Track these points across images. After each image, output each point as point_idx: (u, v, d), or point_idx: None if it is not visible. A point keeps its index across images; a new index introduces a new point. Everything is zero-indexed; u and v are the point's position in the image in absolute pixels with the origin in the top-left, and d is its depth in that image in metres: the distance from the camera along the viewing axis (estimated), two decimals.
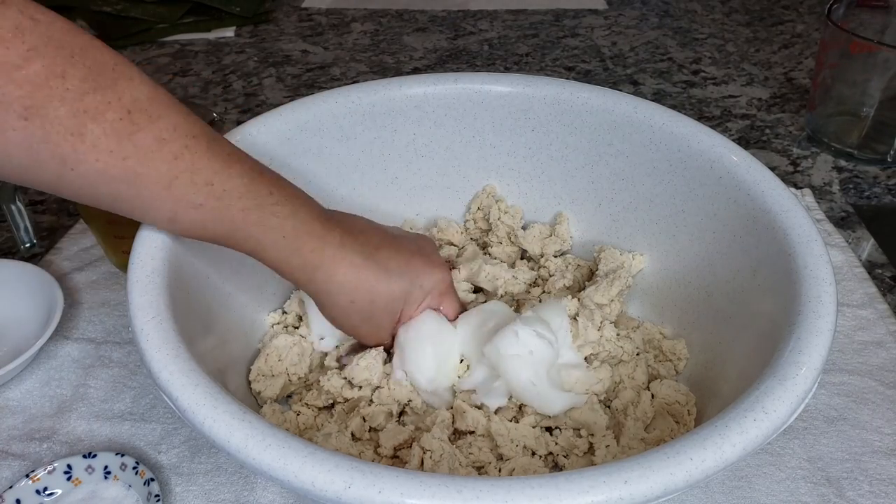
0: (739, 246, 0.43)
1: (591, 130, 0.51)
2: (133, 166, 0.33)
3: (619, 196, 0.52)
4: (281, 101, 0.82)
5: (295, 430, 0.43)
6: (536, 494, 0.27)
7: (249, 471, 0.40)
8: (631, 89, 0.85)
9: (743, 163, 0.44)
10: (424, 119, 0.53)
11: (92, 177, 0.33)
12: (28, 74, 0.30)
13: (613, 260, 0.51)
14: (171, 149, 0.34)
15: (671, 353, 0.47)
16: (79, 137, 0.32)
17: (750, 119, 0.80)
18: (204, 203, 0.35)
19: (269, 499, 0.42)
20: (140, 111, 0.33)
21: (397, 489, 0.27)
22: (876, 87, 0.69)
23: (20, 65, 0.30)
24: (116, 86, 0.32)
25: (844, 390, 0.49)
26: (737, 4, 1.07)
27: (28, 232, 0.54)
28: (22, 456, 0.45)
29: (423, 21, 1.01)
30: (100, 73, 0.32)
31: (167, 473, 0.44)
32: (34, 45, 0.30)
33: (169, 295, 0.36)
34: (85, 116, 0.31)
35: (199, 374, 0.32)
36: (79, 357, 0.51)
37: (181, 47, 0.94)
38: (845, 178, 0.70)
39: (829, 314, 0.35)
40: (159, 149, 0.33)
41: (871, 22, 0.72)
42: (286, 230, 0.38)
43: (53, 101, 0.31)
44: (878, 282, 0.58)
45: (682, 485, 0.28)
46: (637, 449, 0.41)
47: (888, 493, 0.43)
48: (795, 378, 0.32)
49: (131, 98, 0.33)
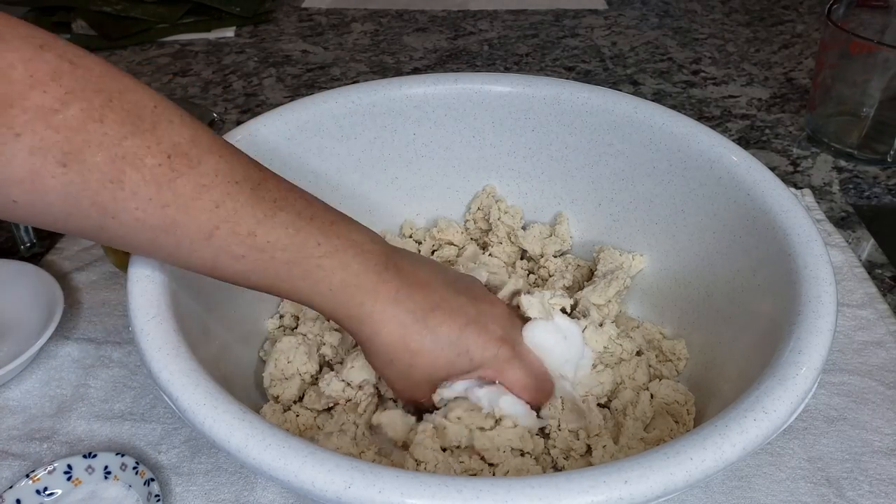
0: (739, 246, 0.43)
1: (591, 130, 0.51)
2: (173, 215, 0.32)
3: (619, 196, 0.52)
4: (281, 101, 0.82)
5: (295, 430, 0.43)
6: (536, 494, 0.27)
7: (249, 471, 0.40)
8: (631, 89, 0.85)
9: (743, 163, 0.44)
10: (424, 119, 0.53)
11: (132, 225, 0.32)
12: (66, 119, 0.29)
13: (612, 260, 0.51)
14: (212, 196, 0.32)
15: (671, 353, 0.47)
16: (118, 185, 0.30)
17: (750, 119, 0.80)
18: (246, 255, 0.34)
19: (269, 499, 0.42)
20: (180, 156, 0.31)
21: (397, 489, 0.27)
22: (876, 87, 0.69)
23: (58, 109, 0.29)
24: (156, 129, 0.31)
25: (844, 390, 0.49)
26: (737, 4, 1.07)
27: (28, 232, 0.55)
28: (22, 456, 0.45)
29: (423, 21, 1.01)
30: (139, 116, 0.31)
31: (167, 473, 0.44)
32: (72, 88, 0.29)
33: (169, 295, 0.36)
34: (123, 162, 0.30)
35: (200, 374, 0.32)
36: (79, 357, 0.51)
37: (181, 47, 0.94)
38: (845, 178, 0.70)
39: (829, 314, 0.35)
40: (199, 196, 0.32)
41: (871, 22, 0.72)
42: (333, 284, 0.36)
43: (91, 146, 0.29)
44: (878, 282, 0.58)
45: (682, 485, 0.28)
46: (636, 449, 0.41)
47: (888, 493, 0.43)
48: (795, 378, 0.32)
49: (171, 142, 0.31)
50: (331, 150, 0.51)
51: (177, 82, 0.87)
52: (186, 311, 0.38)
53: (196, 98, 0.84)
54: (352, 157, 0.52)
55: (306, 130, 0.50)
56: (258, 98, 0.84)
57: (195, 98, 0.84)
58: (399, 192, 0.55)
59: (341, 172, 0.52)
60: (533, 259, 0.55)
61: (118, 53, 0.92)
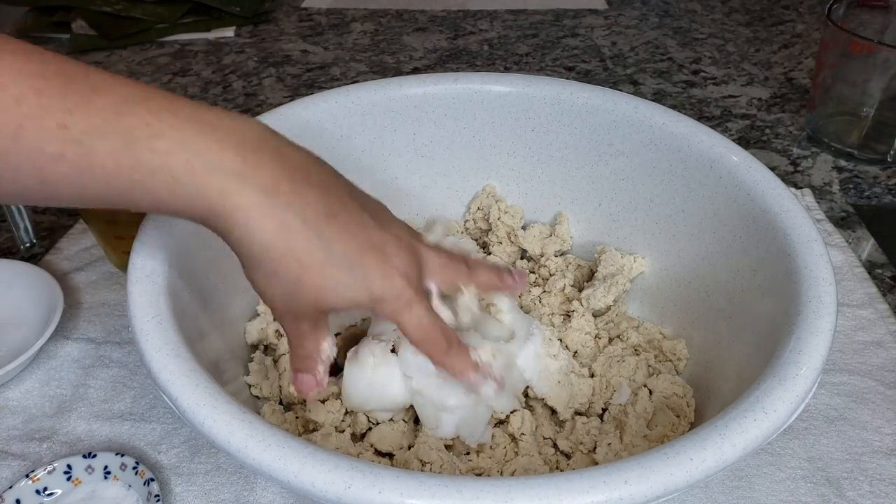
0: (739, 246, 0.43)
1: (591, 130, 0.51)
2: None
3: (619, 196, 0.52)
4: (281, 101, 0.82)
5: (295, 430, 0.43)
6: (536, 494, 0.27)
7: (249, 471, 0.40)
8: (631, 89, 0.85)
9: (743, 163, 0.44)
10: (424, 119, 0.53)
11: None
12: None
13: (613, 263, 0.51)
14: (10, 93, 0.27)
15: (671, 353, 0.47)
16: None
17: (750, 119, 0.80)
18: (64, 153, 0.28)
19: (269, 499, 0.42)
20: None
21: (397, 489, 0.27)
22: (876, 87, 0.69)
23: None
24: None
25: (844, 390, 0.49)
26: (737, 4, 1.07)
27: (28, 232, 0.55)
28: (22, 456, 0.45)
29: (423, 21, 1.01)
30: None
31: (167, 473, 0.44)
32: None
33: (169, 295, 0.36)
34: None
35: (199, 374, 0.32)
36: (79, 357, 0.51)
37: (181, 47, 0.94)
38: (845, 178, 0.70)
39: (829, 314, 0.35)
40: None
41: (871, 22, 0.72)
42: (175, 170, 0.29)
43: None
44: (878, 282, 0.58)
45: (682, 485, 0.28)
46: (641, 447, 0.41)
47: (888, 493, 0.43)
48: (795, 378, 0.32)
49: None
50: (330, 151, 0.51)
51: (176, 82, 0.87)
52: (186, 311, 0.38)
53: (196, 98, 0.84)
54: (352, 157, 0.52)
55: (306, 130, 0.50)
56: (258, 98, 0.83)
57: (195, 98, 0.83)
58: (399, 192, 0.55)
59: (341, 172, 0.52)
60: (533, 259, 0.55)
61: (118, 53, 0.92)
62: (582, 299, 0.49)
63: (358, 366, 0.40)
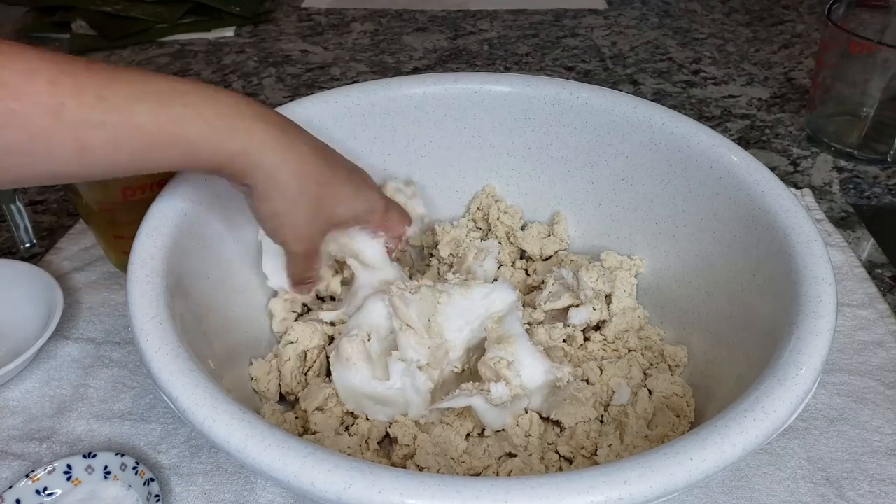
0: (739, 246, 0.43)
1: (591, 130, 0.51)
2: (8, 105, 0.30)
3: (619, 196, 0.52)
4: (281, 101, 0.82)
5: (295, 430, 0.43)
6: (536, 494, 0.27)
7: (249, 471, 0.40)
8: (631, 89, 0.85)
9: (743, 163, 0.44)
10: (424, 119, 0.53)
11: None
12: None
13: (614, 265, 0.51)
14: (43, 77, 0.30)
15: (671, 358, 0.47)
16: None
17: (750, 119, 0.80)
18: (105, 120, 0.32)
19: (269, 499, 0.42)
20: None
21: (397, 489, 0.27)
22: (876, 87, 0.69)
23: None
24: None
25: (844, 390, 0.49)
26: (737, 4, 1.07)
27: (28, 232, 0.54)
28: (22, 456, 0.45)
29: (423, 21, 1.01)
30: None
31: (167, 473, 0.44)
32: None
33: (169, 295, 0.36)
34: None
35: (199, 374, 0.32)
36: (79, 357, 0.51)
37: (181, 47, 0.94)
38: (845, 178, 0.70)
39: (829, 314, 0.35)
40: (30, 81, 0.30)
41: (871, 22, 0.72)
42: (207, 116, 0.34)
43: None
44: (878, 282, 0.58)
45: (682, 485, 0.28)
46: (641, 447, 0.41)
47: (888, 493, 0.43)
48: (795, 378, 0.32)
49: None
50: None
51: None
52: (186, 311, 0.38)
53: None
54: (352, 157, 0.52)
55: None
56: (258, 98, 0.83)
57: None
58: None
59: None
60: (532, 259, 0.55)
61: (118, 53, 0.92)
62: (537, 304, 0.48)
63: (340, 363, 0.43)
